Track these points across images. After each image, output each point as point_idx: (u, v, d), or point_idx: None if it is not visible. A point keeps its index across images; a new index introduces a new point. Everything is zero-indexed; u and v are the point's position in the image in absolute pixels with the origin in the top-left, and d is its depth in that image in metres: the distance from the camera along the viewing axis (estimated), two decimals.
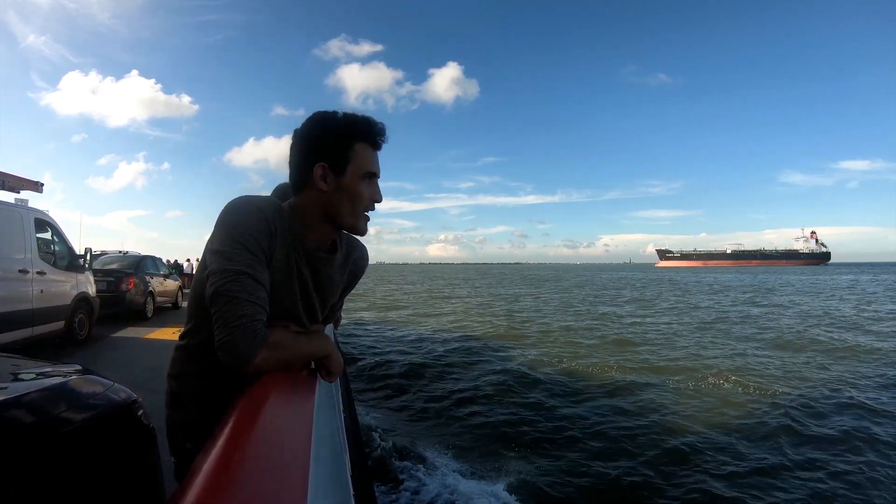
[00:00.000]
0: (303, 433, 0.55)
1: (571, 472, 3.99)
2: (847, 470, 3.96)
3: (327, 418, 0.97)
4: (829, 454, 4.26)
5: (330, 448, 0.86)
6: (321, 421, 0.76)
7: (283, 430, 0.57)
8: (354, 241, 1.03)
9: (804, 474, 3.92)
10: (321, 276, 0.92)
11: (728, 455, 4.23)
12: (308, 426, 0.58)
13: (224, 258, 0.75)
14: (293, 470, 0.45)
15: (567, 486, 3.81)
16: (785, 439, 4.57)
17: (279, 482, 0.41)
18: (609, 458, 4.25)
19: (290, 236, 0.85)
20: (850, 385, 6.43)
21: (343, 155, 0.84)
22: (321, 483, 0.58)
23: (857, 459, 4.15)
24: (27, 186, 5.50)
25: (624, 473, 3.93)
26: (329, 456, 0.81)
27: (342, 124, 0.85)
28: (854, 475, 3.87)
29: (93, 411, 1.07)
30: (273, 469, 0.44)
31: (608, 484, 3.82)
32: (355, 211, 0.86)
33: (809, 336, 10.34)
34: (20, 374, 1.23)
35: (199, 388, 0.89)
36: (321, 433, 0.72)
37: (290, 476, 0.43)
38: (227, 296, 0.73)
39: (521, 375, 6.96)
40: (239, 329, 0.71)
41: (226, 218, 0.80)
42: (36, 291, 4.96)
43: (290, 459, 0.47)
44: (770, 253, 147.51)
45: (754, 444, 4.48)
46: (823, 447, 4.42)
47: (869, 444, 4.47)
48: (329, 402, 1.10)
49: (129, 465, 1.11)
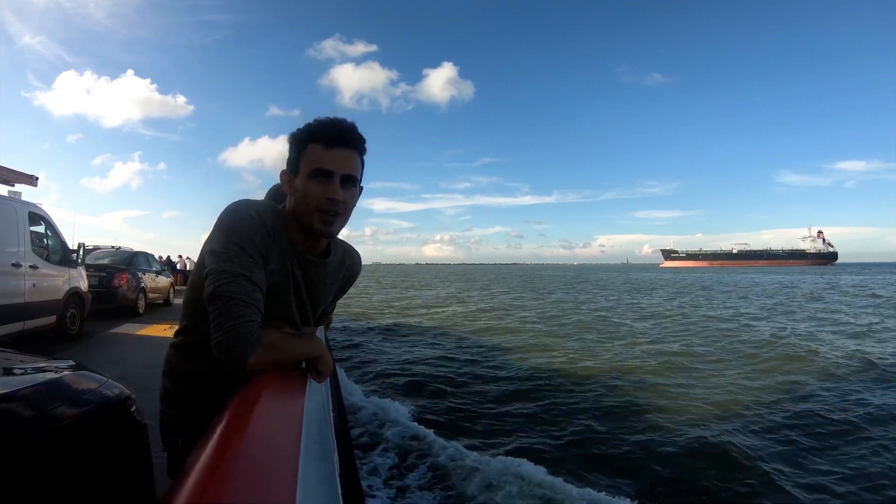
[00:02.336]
0: (293, 432, 0.58)
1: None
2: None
3: (317, 418, 1.00)
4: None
5: (319, 447, 0.89)
6: (311, 420, 0.79)
7: (274, 429, 0.59)
8: (350, 249, 1.06)
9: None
10: (314, 280, 0.95)
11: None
12: (298, 425, 0.60)
13: (222, 260, 0.79)
14: (283, 468, 0.47)
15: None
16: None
17: (269, 480, 0.43)
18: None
19: (285, 240, 0.89)
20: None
21: (297, 158, 0.88)
22: (311, 481, 0.60)
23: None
24: (22, 180, 5.53)
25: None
26: (318, 454, 0.84)
27: (302, 130, 0.88)
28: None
29: (86, 407, 1.09)
30: (263, 467, 0.46)
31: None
32: (308, 210, 0.87)
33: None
34: (14, 368, 1.25)
35: (192, 385, 0.93)
36: (311, 432, 0.75)
37: (280, 474, 0.45)
38: (225, 297, 0.76)
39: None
40: (235, 330, 0.75)
41: (225, 220, 0.83)
42: (28, 285, 4.98)
43: (280, 458, 0.49)
44: (777, 253, 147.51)
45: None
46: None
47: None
48: (319, 402, 1.13)
49: (122, 461, 1.14)
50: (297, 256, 0.91)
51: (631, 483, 3.93)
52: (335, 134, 0.87)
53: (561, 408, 5.76)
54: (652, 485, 3.91)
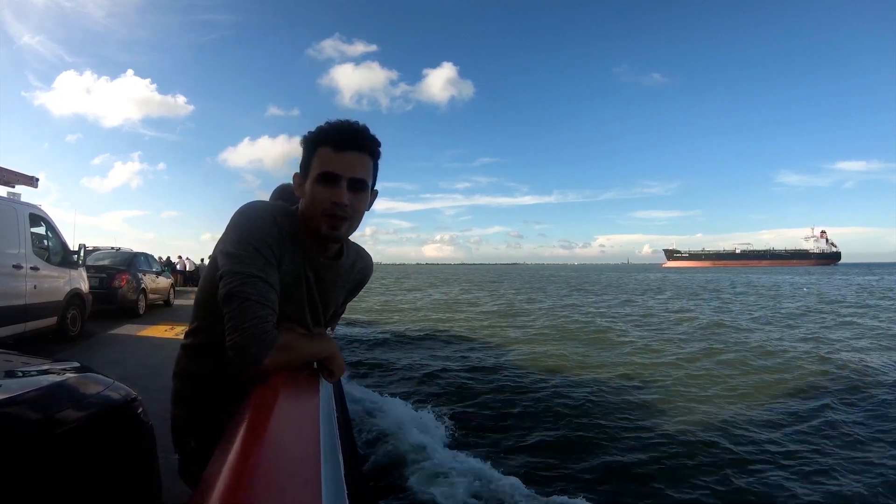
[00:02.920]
0: (311, 433, 0.58)
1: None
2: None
3: (328, 419, 1.00)
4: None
5: (331, 447, 0.89)
6: (325, 421, 0.79)
7: (294, 431, 0.59)
8: (362, 252, 1.07)
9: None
10: (326, 281, 0.95)
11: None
12: (315, 426, 0.60)
13: (237, 261, 0.78)
14: (306, 470, 0.47)
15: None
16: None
17: (295, 483, 0.43)
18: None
19: (298, 241, 0.89)
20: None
21: (308, 161, 0.88)
22: (330, 482, 0.60)
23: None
24: (22, 181, 5.53)
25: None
26: (332, 456, 0.84)
27: (313, 132, 0.88)
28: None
29: (93, 409, 1.09)
30: (288, 470, 0.45)
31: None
32: (315, 213, 0.87)
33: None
34: (18, 371, 1.25)
35: (203, 386, 0.92)
36: (326, 433, 0.74)
37: (304, 475, 0.45)
38: (240, 298, 0.76)
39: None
40: (251, 331, 0.75)
41: (239, 221, 0.84)
42: (29, 287, 4.99)
43: (302, 460, 0.49)
44: (780, 253, 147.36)
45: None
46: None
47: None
48: (328, 403, 1.13)
49: (129, 463, 1.13)
50: (310, 258, 0.91)
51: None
52: (345, 137, 0.86)
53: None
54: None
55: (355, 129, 0.87)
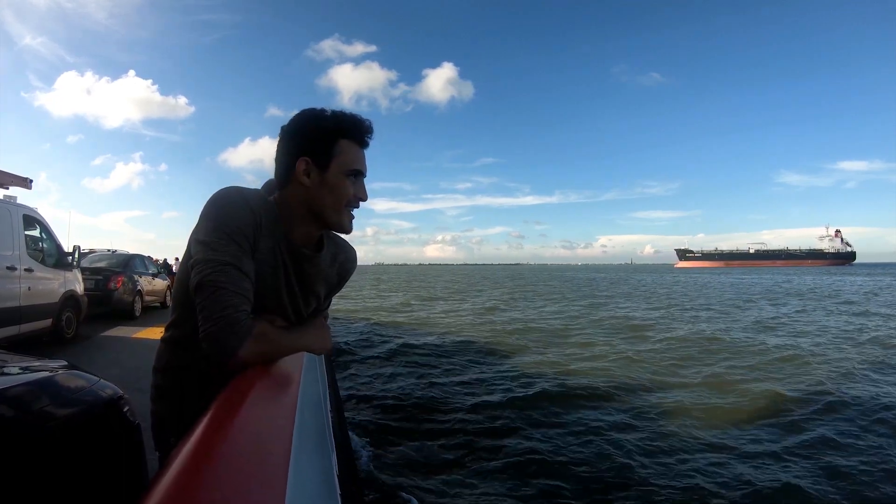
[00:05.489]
0: (284, 427, 0.55)
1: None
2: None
3: (314, 416, 0.99)
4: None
5: (316, 446, 0.88)
6: (306, 418, 0.78)
7: (263, 426, 0.57)
8: (343, 243, 1.05)
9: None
10: (305, 272, 0.94)
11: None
12: (290, 420, 0.58)
13: (209, 248, 0.77)
14: (271, 467, 0.44)
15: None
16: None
17: (254, 479, 0.41)
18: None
19: (275, 230, 0.88)
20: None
21: (328, 151, 0.87)
22: (304, 481, 0.58)
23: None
24: (16, 183, 5.58)
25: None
26: (315, 454, 0.82)
27: (329, 120, 0.88)
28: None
29: (77, 407, 1.10)
30: (249, 466, 0.44)
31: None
32: (339, 207, 0.88)
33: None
34: (4, 368, 1.26)
35: (184, 381, 0.92)
36: (306, 431, 0.73)
37: (267, 473, 0.43)
38: (212, 286, 0.75)
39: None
40: (224, 320, 0.73)
41: (211, 208, 0.82)
42: (23, 289, 5.04)
43: (268, 456, 0.47)
44: (795, 252, 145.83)
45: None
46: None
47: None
48: (315, 400, 1.11)
49: (115, 461, 1.14)
50: (288, 247, 0.90)
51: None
52: (368, 136, 0.92)
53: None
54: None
55: (372, 128, 0.92)
